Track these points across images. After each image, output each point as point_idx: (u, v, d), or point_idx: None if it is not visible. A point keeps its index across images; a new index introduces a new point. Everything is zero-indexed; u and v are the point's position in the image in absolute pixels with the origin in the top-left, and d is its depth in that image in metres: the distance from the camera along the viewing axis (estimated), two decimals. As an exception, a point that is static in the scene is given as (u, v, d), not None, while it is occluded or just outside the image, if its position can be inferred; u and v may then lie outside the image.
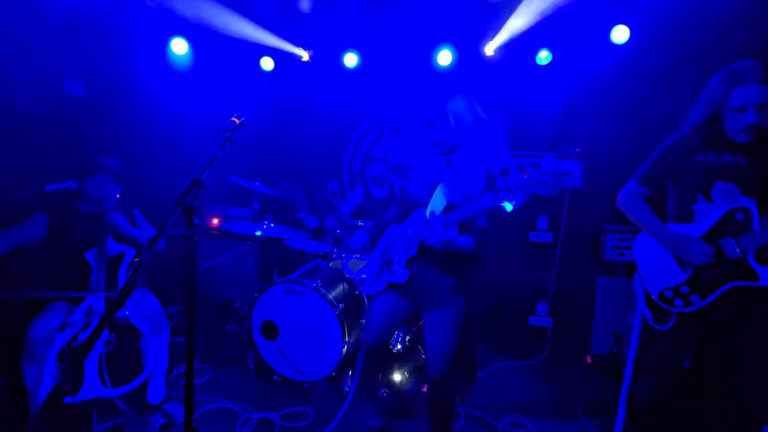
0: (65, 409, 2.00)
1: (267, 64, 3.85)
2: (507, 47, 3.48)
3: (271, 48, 3.74)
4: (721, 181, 1.64)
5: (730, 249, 1.61)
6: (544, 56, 3.42)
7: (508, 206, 1.52)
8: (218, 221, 4.03)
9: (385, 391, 2.58)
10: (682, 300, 1.70)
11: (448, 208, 1.73)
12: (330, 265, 3.02)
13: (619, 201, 1.92)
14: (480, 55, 3.56)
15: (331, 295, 2.66)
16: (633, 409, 2.03)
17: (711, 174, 1.66)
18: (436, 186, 1.80)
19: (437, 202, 1.77)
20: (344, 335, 2.60)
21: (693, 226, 1.71)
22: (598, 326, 3.16)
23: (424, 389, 2.55)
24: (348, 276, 2.98)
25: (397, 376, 2.65)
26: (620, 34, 3.14)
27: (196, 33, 3.61)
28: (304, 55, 3.82)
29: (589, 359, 3.14)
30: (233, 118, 1.54)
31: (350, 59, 3.74)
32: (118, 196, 2.39)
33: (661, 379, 1.83)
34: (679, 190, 1.78)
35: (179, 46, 3.61)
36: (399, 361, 2.74)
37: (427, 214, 1.78)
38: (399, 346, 2.78)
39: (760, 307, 1.62)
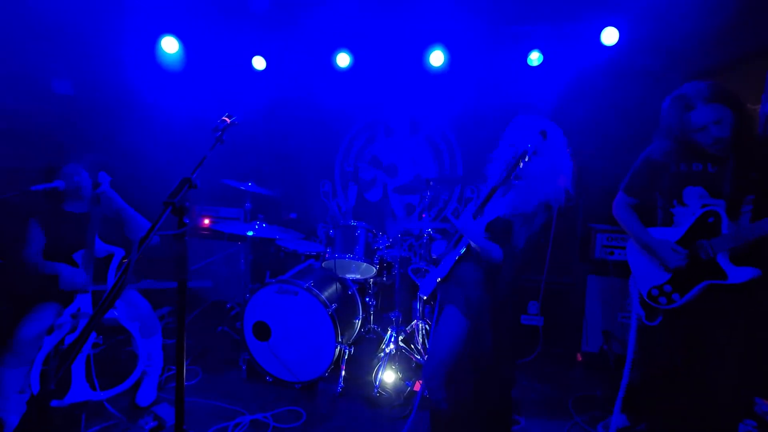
0: (52, 413, 1.97)
1: (259, 63, 3.83)
2: (497, 48, 3.50)
3: (264, 47, 3.73)
4: (690, 186, 1.78)
5: (704, 251, 1.73)
6: (535, 57, 3.45)
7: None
8: (209, 221, 3.99)
9: (378, 390, 2.58)
10: (665, 298, 1.84)
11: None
12: (323, 265, 3.01)
13: (613, 210, 2.07)
14: (472, 55, 3.58)
15: (323, 296, 2.65)
16: (630, 402, 2.13)
17: (681, 180, 1.80)
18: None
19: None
20: (337, 336, 2.59)
21: (672, 229, 1.85)
22: (588, 324, 3.20)
23: (416, 387, 2.55)
24: (341, 276, 2.97)
25: (389, 376, 2.65)
26: (610, 36, 3.18)
27: (187, 31, 3.57)
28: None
29: (579, 357, 3.18)
30: (224, 118, 1.53)
31: (343, 59, 3.73)
32: (107, 195, 2.35)
33: (654, 374, 1.97)
34: (661, 197, 1.91)
35: (170, 45, 3.57)
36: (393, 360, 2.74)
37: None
38: (392, 347, 2.78)
39: (731, 303, 1.73)
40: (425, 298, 2.76)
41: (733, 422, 2.01)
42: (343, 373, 2.67)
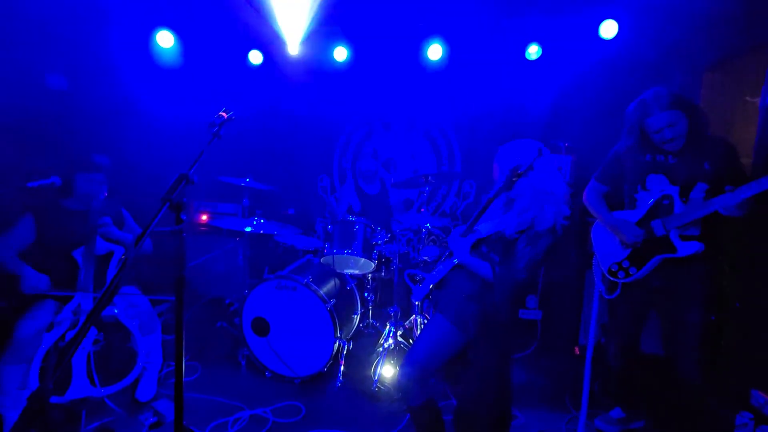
0: (52, 409, 1.97)
1: (255, 57, 3.80)
2: (496, 42, 3.49)
3: (260, 41, 3.70)
4: (653, 174, 2.02)
5: (658, 228, 1.97)
6: (533, 51, 3.43)
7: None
8: (207, 217, 3.98)
9: (376, 385, 2.59)
10: (623, 272, 2.09)
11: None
12: (321, 260, 3.01)
13: (584, 196, 2.30)
14: (470, 49, 3.56)
15: (322, 291, 2.65)
16: (623, 395, 2.35)
17: (645, 168, 2.04)
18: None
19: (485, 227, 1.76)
20: (336, 331, 2.60)
21: (634, 211, 2.09)
22: (586, 318, 3.21)
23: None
24: (339, 272, 2.97)
25: (388, 371, 2.67)
26: (609, 29, 3.16)
27: (183, 25, 3.54)
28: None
29: (577, 351, 3.19)
30: (221, 113, 1.52)
31: (340, 53, 3.70)
32: (106, 194, 2.34)
33: (623, 342, 2.23)
34: (627, 185, 2.14)
35: (165, 39, 3.54)
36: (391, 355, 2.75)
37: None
38: (391, 342, 2.79)
39: (684, 274, 1.98)
40: (417, 303, 2.79)
41: (730, 414, 2.06)
42: (342, 368, 2.68)
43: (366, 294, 3.14)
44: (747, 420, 2.20)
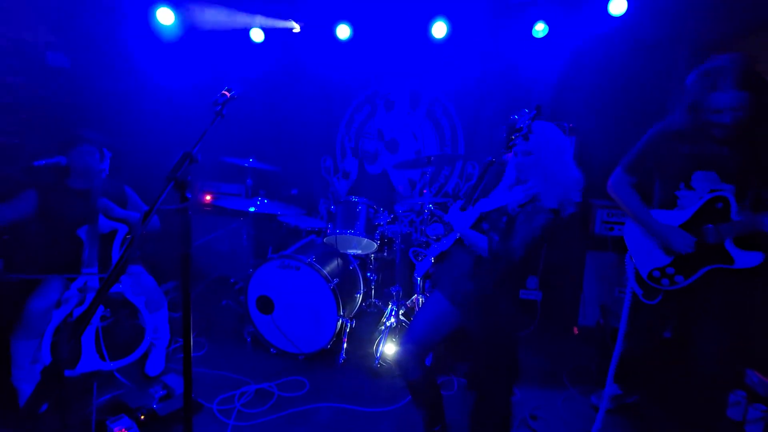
0: (65, 382, 2.04)
1: (257, 35, 3.74)
2: (502, 19, 3.40)
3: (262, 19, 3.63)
4: (701, 170, 1.75)
5: (711, 235, 1.73)
6: (540, 29, 3.35)
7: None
8: (211, 197, 4.00)
9: (379, 362, 2.65)
10: (668, 279, 1.85)
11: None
12: (324, 240, 3.04)
13: (609, 188, 2.03)
14: (475, 27, 3.48)
15: (325, 270, 2.69)
16: (621, 374, 2.21)
17: (691, 164, 1.77)
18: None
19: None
20: (339, 309, 2.65)
21: (676, 212, 1.83)
22: (585, 299, 3.25)
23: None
24: (342, 252, 3.00)
25: (390, 348, 2.72)
26: (618, 5, 3.08)
27: (182, 2, 3.47)
28: (296, 27, 3.70)
29: (576, 330, 3.24)
30: (224, 92, 1.50)
31: (343, 31, 3.64)
32: (107, 172, 2.35)
33: (646, 346, 2.07)
34: (663, 178, 1.88)
35: (165, 16, 3.48)
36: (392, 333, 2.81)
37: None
38: (393, 320, 2.84)
39: (735, 287, 1.76)
40: (419, 279, 2.81)
41: (724, 393, 2.08)
42: (345, 345, 2.74)
43: (368, 274, 3.18)
44: (740, 398, 2.25)
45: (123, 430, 1.88)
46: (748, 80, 1.59)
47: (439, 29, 3.48)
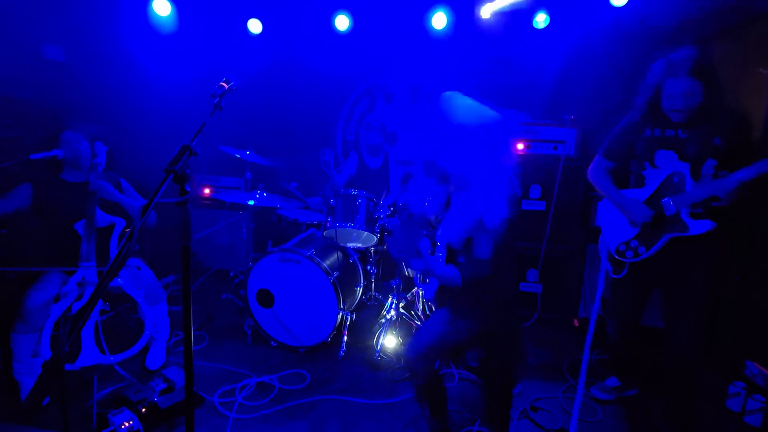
0: (66, 376, 2.04)
1: (255, 26, 3.70)
2: (504, 10, 3.37)
3: (260, 9, 3.58)
4: (662, 150, 1.94)
5: (668, 207, 1.92)
6: (541, 19, 3.32)
7: None
8: (210, 191, 3.98)
9: (379, 355, 2.66)
10: (632, 252, 2.04)
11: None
12: (324, 234, 3.03)
13: (588, 173, 2.21)
14: (475, 19, 3.45)
15: (325, 264, 2.68)
16: (618, 364, 2.38)
17: (654, 145, 1.96)
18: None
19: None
20: (339, 303, 2.65)
21: (642, 189, 2.02)
22: (586, 292, 3.25)
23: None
24: (342, 245, 2.99)
25: (390, 341, 2.73)
26: (620, -6, 3.05)
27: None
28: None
29: (576, 323, 3.25)
30: (222, 83, 1.48)
31: (342, 22, 3.60)
32: (103, 165, 2.33)
33: (624, 320, 2.21)
34: (635, 161, 2.07)
35: (162, 7, 3.43)
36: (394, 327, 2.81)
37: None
38: (393, 313, 2.84)
39: (692, 252, 1.94)
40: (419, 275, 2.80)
41: (722, 384, 2.10)
42: (346, 338, 2.74)
43: (368, 267, 3.18)
44: (739, 389, 2.26)
45: (124, 423, 1.88)
46: (701, 71, 1.78)
47: (440, 20, 3.45)
